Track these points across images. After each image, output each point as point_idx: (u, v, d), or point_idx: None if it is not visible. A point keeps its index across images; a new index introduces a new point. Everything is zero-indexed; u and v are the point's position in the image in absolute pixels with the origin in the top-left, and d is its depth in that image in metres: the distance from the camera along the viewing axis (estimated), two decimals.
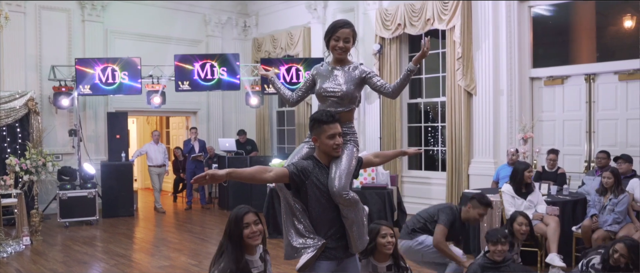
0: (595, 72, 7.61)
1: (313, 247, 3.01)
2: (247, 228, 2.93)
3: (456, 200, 8.61)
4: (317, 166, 3.06)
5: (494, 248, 4.19)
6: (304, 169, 3.00)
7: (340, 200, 3.00)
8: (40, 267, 6.31)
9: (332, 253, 3.07)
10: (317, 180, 3.01)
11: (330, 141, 3.01)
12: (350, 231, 3.08)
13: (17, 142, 9.22)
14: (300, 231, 3.06)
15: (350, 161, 3.11)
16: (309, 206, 3.05)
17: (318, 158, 3.09)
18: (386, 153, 3.68)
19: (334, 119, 3.03)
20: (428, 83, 9.69)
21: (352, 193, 3.05)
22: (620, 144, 7.39)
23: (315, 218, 3.05)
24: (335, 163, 3.06)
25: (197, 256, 6.79)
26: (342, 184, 2.99)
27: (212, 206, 11.01)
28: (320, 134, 3.03)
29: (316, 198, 3.02)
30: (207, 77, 9.81)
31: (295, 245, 3.05)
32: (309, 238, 3.03)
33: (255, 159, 10.12)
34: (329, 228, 3.06)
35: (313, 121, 3.06)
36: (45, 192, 9.07)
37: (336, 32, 3.22)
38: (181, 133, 13.03)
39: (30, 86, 9.57)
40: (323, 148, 3.06)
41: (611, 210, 5.34)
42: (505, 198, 5.72)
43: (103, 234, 8.31)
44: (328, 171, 3.06)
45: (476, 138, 8.60)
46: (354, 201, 3.05)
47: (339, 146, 3.05)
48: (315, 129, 3.05)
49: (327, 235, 3.05)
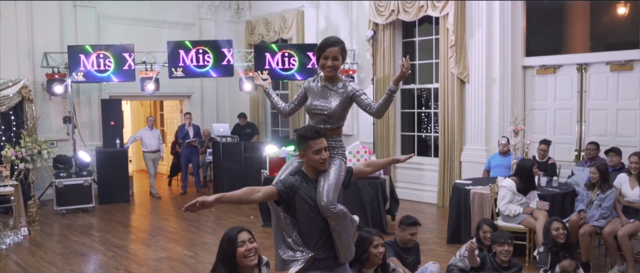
0: (587, 62, 7.66)
1: (302, 260, 3.10)
2: (242, 246, 2.94)
3: (449, 186, 8.73)
4: (305, 180, 3.12)
5: (501, 249, 4.32)
6: (292, 186, 3.06)
7: (329, 214, 3.07)
8: (38, 259, 6.40)
9: (321, 264, 3.16)
10: (306, 194, 3.08)
11: (317, 156, 3.07)
12: (338, 242, 3.16)
13: (12, 130, 9.24)
14: (289, 245, 3.14)
15: (338, 174, 3.18)
16: (298, 220, 3.12)
17: (306, 172, 3.15)
18: (378, 161, 3.74)
19: (319, 134, 3.08)
20: (421, 69, 9.72)
21: (340, 206, 3.12)
22: (610, 134, 7.49)
23: (304, 230, 3.13)
24: (323, 177, 3.13)
25: (193, 246, 6.89)
26: (330, 198, 3.06)
27: (206, 191, 11.10)
28: (306, 150, 3.09)
29: (304, 212, 3.09)
30: (200, 63, 9.78)
31: (284, 257, 3.14)
32: (298, 251, 3.12)
33: (249, 146, 10.17)
34: (317, 240, 3.14)
35: (299, 137, 3.12)
36: (41, 179, 9.13)
37: (325, 51, 3.26)
38: (175, 116, 13.04)
39: (23, 74, 9.53)
40: (310, 163, 3.12)
41: (598, 205, 5.44)
42: (504, 193, 5.77)
43: (100, 222, 8.40)
44: (316, 185, 3.12)
45: (468, 125, 8.69)
46: (342, 214, 3.13)
47: (325, 161, 3.11)
48: (301, 145, 3.11)
49: (316, 246, 3.14)
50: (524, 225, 5.69)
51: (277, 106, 3.62)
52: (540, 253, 4.50)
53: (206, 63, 9.82)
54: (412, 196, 9.55)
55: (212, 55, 9.78)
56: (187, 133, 10.69)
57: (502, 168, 7.46)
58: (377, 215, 7.38)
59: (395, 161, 3.71)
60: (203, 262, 6.21)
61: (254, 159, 9.85)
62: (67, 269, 6.03)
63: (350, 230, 3.26)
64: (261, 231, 7.44)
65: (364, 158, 7.57)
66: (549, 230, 4.70)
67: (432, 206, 9.19)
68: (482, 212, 6.24)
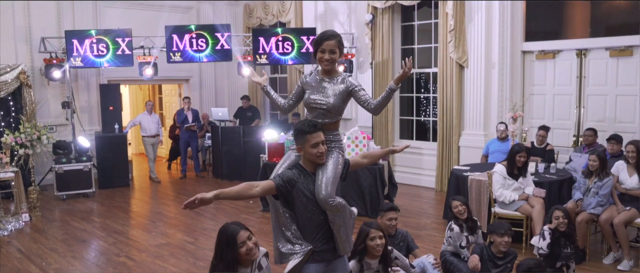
0: (586, 48, 7.64)
1: (300, 253, 3.13)
2: (243, 247, 3.01)
3: (447, 171, 8.78)
4: (303, 173, 3.14)
5: (501, 240, 4.33)
6: (290, 180, 3.08)
7: (327, 207, 3.10)
8: (40, 246, 6.46)
9: (320, 256, 3.20)
10: (304, 188, 3.10)
11: (314, 150, 3.09)
12: (337, 234, 3.20)
13: (11, 116, 9.25)
14: (288, 238, 3.17)
15: (336, 167, 3.20)
16: (297, 213, 3.15)
17: (304, 166, 3.18)
18: (374, 152, 3.75)
19: (317, 128, 3.10)
20: (420, 53, 9.69)
21: (339, 198, 3.15)
22: (608, 120, 7.50)
23: (303, 223, 3.16)
24: (321, 171, 3.15)
25: (192, 232, 6.95)
26: (329, 191, 3.09)
27: (206, 175, 11.15)
28: (304, 144, 3.10)
29: (303, 205, 3.11)
30: (199, 48, 9.74)
31: (283, 251, 3.18)
32: (297, 244, 3.15)
33: (248, 130, 10.18)
34: (317, 233, 3.17)
35: (296, 131, 3.13)
36: (41, 165, 9.16)
37: (322, 44, 3.25)
38: (174, 100, 13.03)
39: (20, 59, 9.50)
40: (307, 157, 3.14)
41: (595, 192, 5.48)
42: (496, 178, 5.84)
43: (100, 207, 8.45)
44: (314, 178, 3.15)
45: (467, 110, 8.70)
46: (341, 207, 3.15)
47: (323, 154, 3.13)
48: (299, 139, 3.12)
49: (315, 239, 3.17)
50: (521, 212, 5.74)
51: (276, 103, 3.63)
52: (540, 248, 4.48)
53: (204, 48, 9.77)
54: (410, 180, 9.60)
55: (210, 39, 9.73)
56: (186, 118, 10.69)
57: (500, 154, 7.47)
58: (376, 200, 7.43)
59: (392, 152, 3.72)
60: (203, 247, 6.27)
61: (253, 143, 9.87)
62: (69, 256, 6.08)
63: (349, 222, 3.30)
64: (260, 216, 7.49)
65: (362, 144, 7.60)
66: (550, 217, 4.68)
67: (430, 190, 9.24)
68: (480, 199, 6.28)
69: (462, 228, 4.86)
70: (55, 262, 5.85)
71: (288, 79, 11.64)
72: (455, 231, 4.89)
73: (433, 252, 5.69)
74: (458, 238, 4.92)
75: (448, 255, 5.09)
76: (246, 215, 7.60)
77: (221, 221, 7.31)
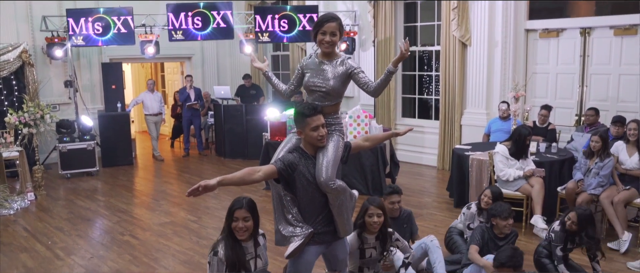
0: (591, 26, 7.58)
1: (301, 235, 3.17)
2: (235, 222, 3.19)
3: (449, 149, 8.81)
4: (303, 157, 3.17)
5: (504, 223, 4.36)
6: (291, 163, 3.11)
7: (328, 190, 3.13)
8: (46, 224, 6.55)
9: (320, 238, 3.25)
10: (305, 170, 3.13)
11: (314, 133, 3.11)
12: (338, 217, 3.24)
13: (14, 95, 9.28)
14: (289, 221, 3.21)
15: (336, 150, 3.22)
16: (298, 196, 3.18)
17: (304, 149, 3.20)
18: (376, 136, 3.77)
19: (316, 111, 3.11)
20: (423, 31, 9.63)
21: (339, 181, 3.18)
22: (611, 100, 7.48)
23: (304, 206, 3.20)
24: (322, 154, 3.17)
25: (196, 211, 7.02)
26: (329, 174, 3.11)
27: (209, 153, 11.21)
28: (304, 127, 3.12)
29: (304, 188, 3.15)
30: (200, 26, 9.70)
31: (284, 233, 3.22)
32: (298, 227, 3.19)
33: (251, 109, 10.20)
34: (317, 215, 3.22)
35: (296, 115, 3.15)
36: (45, 143, 9.20)
37: (322, 26, 3.24)
38: (176, 78, 13.02)
39: (22, 38, 9.49)
40: (308, 140, 3.16)
41: (596, 173, 5.50)
42: (498, 159, 5.85)
43: (104, 186, 8.53)
44: (314, 161, 3.17)
45: (469, 88, 8.68)
46: (341, 190, 3.18)
47: (323, 137, 3.14)
48: (299, 122, 3.14)
49: (315, 221, 3.21)
50: (521, 192, 5.77)
51: (278, 88, 3.63)
52: (556, 231, 4.40)
53: (206, 25, 9.73)
54: (412, 158, 9.64)
55: (211, 17, 9.68)
56: (188, 96, 10.70)
57: (502, 133, 7.49)
58: (377, 179, 7.48)
59: (395, 135, 3.73)
60: (206, 226, 6.35)
61: (255, 121, 9.89)
62: (74, 234, 6.17)
63: (349, 205, 3.33)
64: (263, 195, 7.55)
65: (364, 123, 7.61)
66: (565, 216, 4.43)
67: (432, 168, 9.28)
68: (481, 178, 6.31)
69: (480, 213, 4.93)
70: (61, 241, 5.94)
71: (290, 56, 11.61)
72: (472, 211, 4.96)
73: (434, 231, 5.77)
74: (470, 219, 4.98)
75: (455, 233, 5.15)
76: (249, 193, 7.63)
77: (224, 200, 7.40)
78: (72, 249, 5.69)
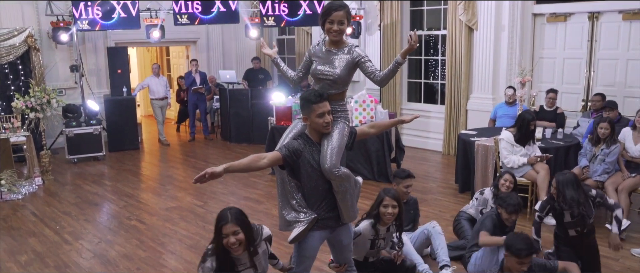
0: (599, 11, 7.50)
1: (305, 221, 3.20)
2: (225, 239, 3.04)
3: (454, 135, 8.79)
4: (308, 143, 3.18)
5: (508, 217, 4.33)
6: (296, 150, 3.13)
7: (332, 177, 3.15)
8: (54, 209, 6.62)
9: (324, 223, 3.27)
10: (310, 157, 3.15)
11: (320, 120, 3.12)
12: (342, 203, 3.26)
13: (20, 79, 9.31)
14: (293, 206, 3.24)
15: (341, 137, 3.23)
16: (302, 181, 3.20)
17: (309, 135, 3.21)
18: (382, 123, 3.77)
19: (322, 98, 3.11)
20: (429, 15, 9.55)
21: (343, 168, 3.20)
22: (618, 85, 7.43)
23: (308, 192, 3.22)
24: (327, 140, 3.18)
25: (202, 196, 7.06)
26: (333, 161, 3.13)
27: (214, 137, 11.24)
28: (310, 114, 3.13)
29: (308, 174, 3.16)
30: (206, 10, 9.66)
31: (288, 218, 3.25)
32: (301, 213, 3.22)
33: (256, 93, 10.19)
34: (321, 201, 3.23)
35: (302, 101, 3.16)
36: (51, 128, 9.26)
37: (330, 15, 3.23)
38: (182, 62, 13.01)
39: (27, 22, 9.49)
40: (313, 126, 3.17)
41: (602, 159, 5.49)
42: (503, 145, 5.85)
43: (110, 171, 8.59)
44: (319, 147, 3.19)
45: (476, 73, 8.63)
46: (345, 176, 3.20)
47: (328, 125, 3.15)
48: (305, 109, 3.15)
49: (319, 207, 3.23)
50: (526, 178, 5.77)
51: (286, 75, 3.63)
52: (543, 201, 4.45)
53: (211, 9, 9.69)
54: (417, 143, 9.63)
55: (216, 1, 9.63)
56: (194, 80, 10.70)
57: (508, 118, 7.46)
58: (383, 164, 7.49)
59: (401, 122, 3.72)
60: (212, 211, 6.39)
61: (261, 106, 9.90)
62: (82, 219, 6.24)
63: (354, 191, 3.35)
64: (269, 180, 7.58)
65: (370, 108, 7.60)
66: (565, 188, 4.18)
67: (437, 153, 9.28)
68: (486, 164, 6.30)
69: (495, 198, 4.89)
70: (69, 225, 6.00)
71: (296, 40, 11.57)
72: (485, 196, 4.97)
73: (439, 216, 5.80)
74: (483, 204, 4.99)
75: (464, 218, 5.16)
76: (254, 178, 7.71)
77: (230, 185, 7.44)
78: (80, 233, 5.75)
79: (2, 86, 9.23)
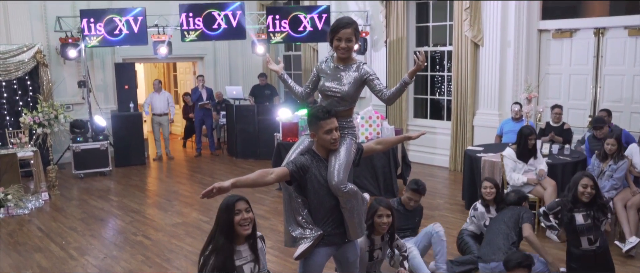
0: (605, 26, 7.50)
1: (311, 237, 3.19)
2: (238, 215, 2.98)
3: (461, 150, 8.77)
4: (315, 159, 3.18)
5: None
6: (303, 166, 3.13)
7: (339, 193, 3.14)
8: (60, 224, 6.62)
9: (330, 240, 3.26)
10: (317, 172, 3.15)
11: (327, 136, 3.12)
12: (348, 220, 3.25)
13: (28, 95, 9.39)
14: (299, 222, 3.23)
15: (349, 154, 3.23)
16: (309, 197, 3.20)
17: (316, 151, 3.21)
18: (389, 139, 3.78)
19: (330, 115, 3.12)
20: (435, 31, 9.59)
21: (351, 185, 3.19)
22: (625, 100, 7.41)
23: (314, 208, 3.21)
24: (334, 157, 3.18)
25: (207, 211, 7.05)
26: (341, 178, 3.13)
27: (220, 153, 11.26)
28: (317, 130, 3.14)
29: (315, 190, 3.16)
30: (213, 26, 9.75)
31: (294, 235, 3.24)
32: (307, 229, 3.20)
33: (262, 108, 10.22)
34: (327, 217, 3.23)
35: (310, 117, 3.16)
36: (58, 143, 9.31)
37: (338, 32, 3.24)
38: (188, 77, 13.09)
39: (36, 39, 9.60)
40: (321, 143, 3.18)
41: (610, 176, 5.46)
42: (506, 163, 5.83)
43: (117, 186, 8.61)
44: (326, 163, 3.19)
45: (482, 89, 8.63)
46: (352, 193, 3.19)
47: (336, 141, 3.16)
48: (313, 125, 3.15)
49: (325, 223, 3.22)
50: (534, 195, 5.74)
51: (294, 91, 3.63)
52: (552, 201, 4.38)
53: (218, 26, 9.78)
54: (424, 159, 9.61)
55: (223, 17, 9.72)
56: (200, 96, 10.75)
57: (514, 134, 7.35)
58: (389, 180, 7.47)
59: (408, 138, 3.72)
60: None
61: (267, 122, 9.92)
62: (88, 234, 6.24)
63: (361, 208, 3.34)
64: (275, 196, 7.57)
65: (376, 124, 7.60)
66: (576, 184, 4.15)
67: (443, 169, 9.24)
68: None
69: (487, 209, 4.97)
70: (75, 241, 6.00)
71: (302, 57, 11.62)
72: (479, 211, 4.97)
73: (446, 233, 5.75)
74: (481, 218, 4.98)
75: (466, 235, 5.13)
76: (261, 194, 7.69)
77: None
78: (86, 249, 5.75)
79: (11, 101, 9.31)
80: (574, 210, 4.10)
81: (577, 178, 4.21)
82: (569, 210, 4.13)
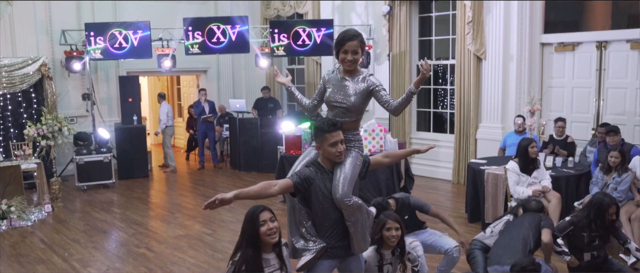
0: (607, 40, 7.53)
1: (313, 249, 3.17)
2: (264, 226, 3.00)
3: (464, 163, 8.75)
4: (320, 171, 3.18)
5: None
6: (307, 178, 3.12)
7: (344, 206, 3.13)
8: (63, 236, 6.62)
9: (334, 252, 3.24)
10: (322, 185, 3.15)
11: (333, 149, 3.12)
12: (353, 234, 3.23)
13: (33, 107, 9.43)
14: (303, 234, 3.21)
15: (354, 167, 3.22)
16: (313, 209, 3.19)
17: (322, 163, 3.21)
18: (396, 152, 3.76)
19: (336, 127, 3.12)
20: (438, 45, 9.63)
21: (355, 198, 3.17)
22: (628, 113, 7.41)
23: (318, 220, 3.20)
24: (339, 169, 3.17)
25: (211, 224, 7.04)
26: (345, 191, 3.11)
27: (224, 165, 11.26)
28: (322, 142, 3.13)
29: (319, 202, 3.16)
30: (217, 40, 9.81)
31: (297, 246, 3.22)
32: (310, 241, 3.19)
33: (265, 121, 10.24)
34: (332, 230, 3.21)
35: (316, 129, 3.16)
36: (62, 155, 9.33)
37: (344, 45, 3.25)
38: (192, 91, 13.14)
39: (41, 51, 9.67)
40: (326, 155, 3.17)
41: (614, 188, 5.44)
42: (510, 176, 5.82)
43: (120, 198, 8.61)
44: (331, 176, 3.18)
45: (484, 102, 8.64)
46: (357, 207, 3.18)
47: (341, 154, 3.15)
48: (318, 137, 3.15)
49: (329, 236, 3.21)
50: None
51: (301, 103, 3.63)
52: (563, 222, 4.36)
53: (222, 39, 9.84)
54: (427, 172, 9.60)
55: (227, 31, 9.78)
56: (203, 109, 10.79)
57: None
58: (392, 193, 7.43)
59: (416, 152, 3.69)
60: (221, 239, 6.37)
61: (270, 135, 9.94)
62: (91, 246, 6.23)
63: (366, 222, 3.31)
64: (279, 208, 7.55)
65: (379, 136, 7.61)
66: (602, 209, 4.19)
67: (447, 183, 9.22)
68: (496, 193, 6.26)
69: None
70: (77, 253, 5.99)
71: (305, 70, 11.66)
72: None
73: None
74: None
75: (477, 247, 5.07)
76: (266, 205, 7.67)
77: (239, 213, 7.41)
78: (89, 261, 5.74)
79: (15, 113, 9.35)
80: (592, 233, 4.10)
81: (605, 203, 4.18)
82: (582, 230, 4.13)
